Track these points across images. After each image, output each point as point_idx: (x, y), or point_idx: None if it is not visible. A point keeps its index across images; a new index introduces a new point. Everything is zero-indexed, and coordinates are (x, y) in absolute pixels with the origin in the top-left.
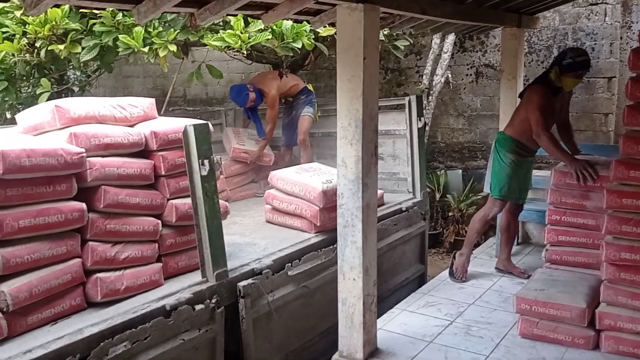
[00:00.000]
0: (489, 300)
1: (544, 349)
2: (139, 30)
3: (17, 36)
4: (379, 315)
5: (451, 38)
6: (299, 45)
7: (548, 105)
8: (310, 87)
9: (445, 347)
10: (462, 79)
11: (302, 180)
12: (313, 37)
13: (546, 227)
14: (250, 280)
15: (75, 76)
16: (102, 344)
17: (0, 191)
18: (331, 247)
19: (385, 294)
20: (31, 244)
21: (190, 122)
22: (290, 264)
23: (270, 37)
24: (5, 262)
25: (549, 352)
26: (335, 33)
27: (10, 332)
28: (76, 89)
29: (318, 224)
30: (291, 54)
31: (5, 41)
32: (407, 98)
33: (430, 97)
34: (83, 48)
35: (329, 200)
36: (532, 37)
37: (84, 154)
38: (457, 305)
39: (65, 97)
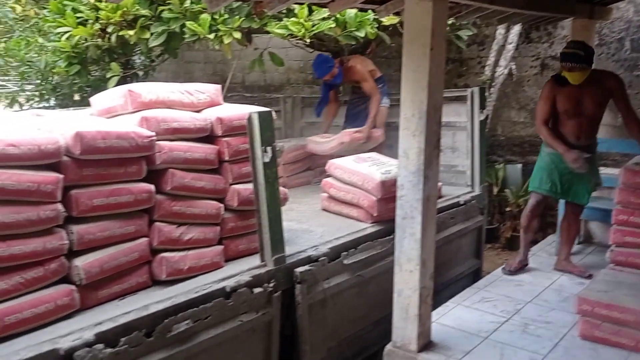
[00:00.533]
0: (548, 299)
1: (605, 352)
2: (205, 17)
3: (90, 21)
4: (433, 308)
5: (517, 28)
6: (362, 34)
7: (548, 98)
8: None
9: (501, 344)
10: (526, 71)
11: (361, 169)
12: (376, 26)
13: (612, 227)
14: (306, 267)
15: (140, 61)
16: (166, 320)
17: (76, 170)
18: (387, 237)
19: (440, 287)
20: (103, 222)
21: (254, 109)
22: (346, 253)
23: (333, 25)
24: (79, 238)
25: (610, 356)
26: (399, 22)
27: (83, 304)
28: (141, 73)
29: (375, 215)
30: (353, 43)
31: (79, 26)
32: (469, 90)
33: (491, 89)
34: (152, 34)
35: (387, 191)
36: (603, 28)
37: (154, 138)
38: (514, 302)
39: (131, 81)
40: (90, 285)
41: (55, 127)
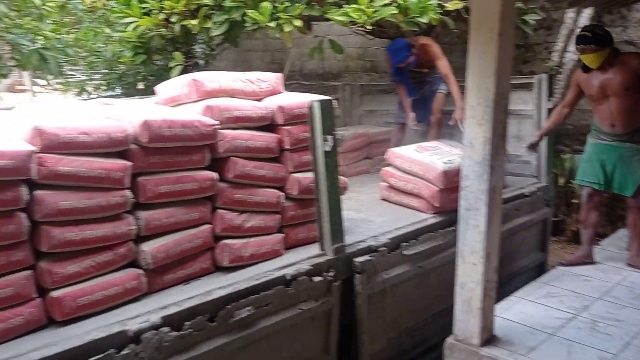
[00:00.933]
0: (618, 295)
1: None
2: (266, 5)
3: (155, 11)
4: (495, 302)
5: (588, 12)
6: (425, 20)
7: (573, 84)
8: None
9: (568, 342)
10: None
11: (422, 159)
12: (439, 11)
13: None
14: (366, 257)
15: (201, 50)
16: (228, 306)
17: (144, 158)
18: (449, 229)
19: (502, 280)
20: (169, 208)
21: (315, 97)
22: (406, 244)
23: (395, 11)
24: (146, 224)
25: None
26: (463, 7)
27: (149, 288)
28: (201, 62)
29: (436, 205)
30: (416, 29)
31: (144, 16)
32: (536, 77)
33: (559, 76)
34: (213, 23)
35: (450, 181)
36: None
37: (218, 126)
38: (581, 298)
39: (192, 70)
40: (156, 269)
41: (123, 115)
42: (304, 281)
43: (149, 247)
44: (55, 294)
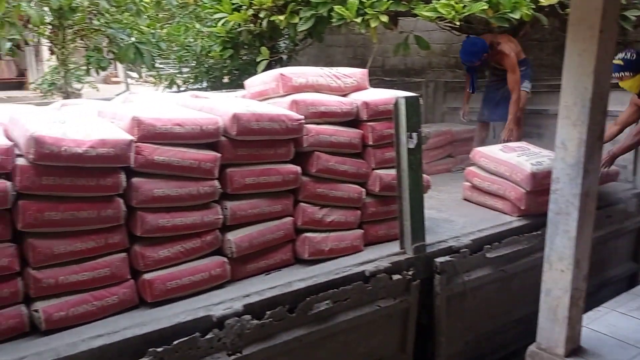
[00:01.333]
0: None
1: None
2: (353, 1)
3: (244, 7)
4: (583, 312)
5: None
6: (517, 16)
7: (631, 103)
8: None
9: None
10: None
11: (509, 159)
12: (532, 7)
13: None
14: (447, 258)
15: (285, 45)
16: (307, 299)
17: (232, 150)
18: (535, 233)
19: (591, 289)
20: (253, 200)
21: (400, 94)
22: (489, 246)
23: (486, 7)
24: (232, 214)
25: None
26: (557, 2)
27: (233, 276)
28: (285, 57)
29: (522, 208)
30: (506, 25)
31: (234, 12)
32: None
33: None
34: (300, 18)
35: (538, 184)
36: None
37: (303, 121)
38: None
39: (276, 65)
40: (239, 258)
41: (214, 108)
42: (383, 278)
43: (233, 237)
44: (147, 276)
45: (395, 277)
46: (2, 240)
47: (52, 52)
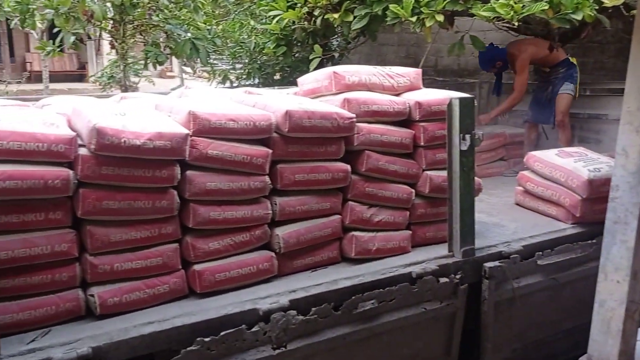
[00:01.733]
0: None
1: None
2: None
3: (299, 5)
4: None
5: None
6: (579, 17)
7: None
8: (573, 60)
9: None
10: None
11: (565, 165)
12: (596, 7)
13: None
14: (496, 263)
15: (337, 43)
16: (353, 297)
17: (283, 147)
18: (590, 241)
19: None
20: (302, 196)
21: (454, 94)
22: (540, 253)
23: (546, 7)
24: (281, 210)
25: None
26: (622, 4)
27: (279, 271)
28: (336, 55)
29: (577, 215)
30: (567, 26)
31: (289, 9)
32: None
33: None
34: (355, 17)
35: (595, 191)
36: None
37: (355, 119)
38: None
39: (327, 63)
40: (286, 254)
41: (267, 104)
42: (430, 281)
43: (281, 232)
44: (197, 267)
45: (443, 280)
46: (63, 226)
47: (113, 47)
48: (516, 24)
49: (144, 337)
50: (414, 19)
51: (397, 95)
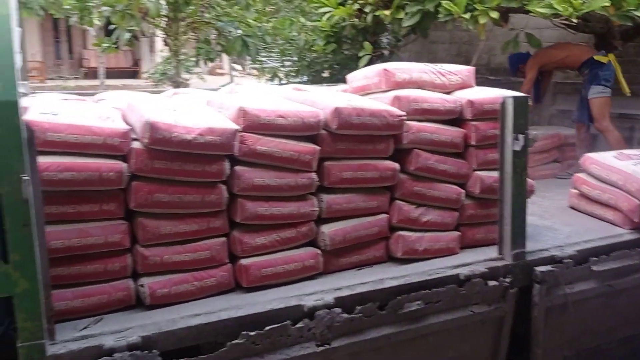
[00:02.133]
0: None
1: None
2: None
3: (350, 2)
4: None
5: None
6: None
7: None
8: (599, 58)
9: None
10: None
11: (624, 168)
12: None
13: None
14: (548, 267)
15: (387, 40)
16: (399, 297)
17: (331, 144)
18: None
19: None
20: (349, 194)
21: (507, 93)
22: (595, 259)
23: (607, 3)
24: (328, 207)
25: None
26: None
27: (325, 269)
28: (386, 52)
29: (635, 220)
30: (629, 23)
31: (339, 7)
32: None
33: None
34: (406, 14)
35: None
36: None
37: (405, 117)
38: None
39: (377, 60)
40: (332, 251)
41: (316, 101)
42: (478, 283)
43: (328, 229)
44: (244, 261)
45: (491, 283)
46: (116, 217)
47: (166, 43)
48: (575, 21)
49: (191, 329)
50: (467, 15)
51: (449, 93)
